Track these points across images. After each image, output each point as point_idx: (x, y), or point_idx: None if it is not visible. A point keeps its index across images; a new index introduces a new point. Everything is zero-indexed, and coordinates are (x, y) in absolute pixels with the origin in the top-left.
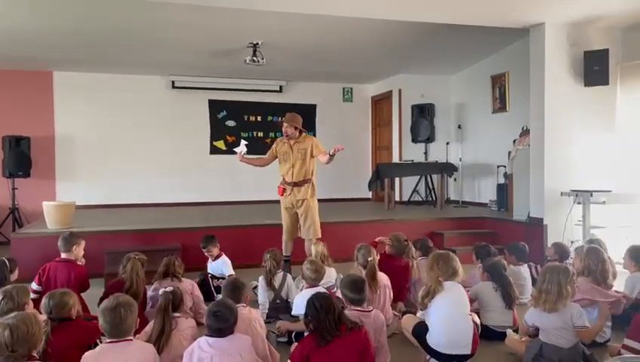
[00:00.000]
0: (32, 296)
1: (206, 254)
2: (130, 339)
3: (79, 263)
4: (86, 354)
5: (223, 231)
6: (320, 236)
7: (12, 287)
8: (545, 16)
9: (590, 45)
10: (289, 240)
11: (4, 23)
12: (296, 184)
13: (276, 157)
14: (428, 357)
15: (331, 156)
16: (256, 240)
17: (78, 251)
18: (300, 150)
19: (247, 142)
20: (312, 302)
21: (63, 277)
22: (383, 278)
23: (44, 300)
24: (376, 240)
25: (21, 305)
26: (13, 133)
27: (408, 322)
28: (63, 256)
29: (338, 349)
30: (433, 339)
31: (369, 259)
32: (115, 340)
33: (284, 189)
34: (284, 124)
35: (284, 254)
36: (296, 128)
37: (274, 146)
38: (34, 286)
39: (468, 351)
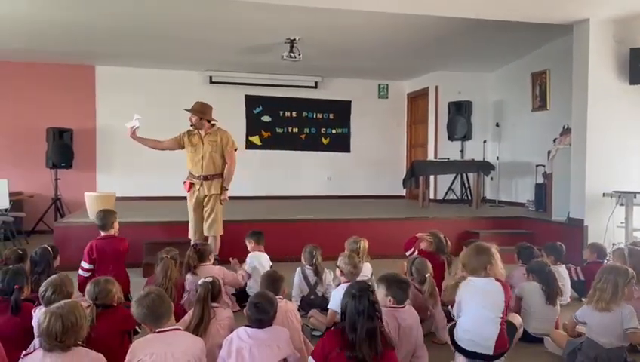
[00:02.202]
0: (84, 274)
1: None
2: (179, 329)
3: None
4: (134, 342)
5: (256, 226)
6: (221, 233)
7: (59, 278)
8: (590, 12)
9: (636, 42)
10: (199, 240)
11: (51, 17)
12: (205, 178)
13: (182, 146)
14: (454, 350)
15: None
16: (289, 235)
17: (116, 225)
18: (210, 142)
19: (139, 117)
20: (354, 307)
21: (114, 252)
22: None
23: (88, 286)
24: (417, 235)
25: (70, 294)
26: (56, 125)
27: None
28: (104, 233)
29: None
30: (459, 334)
31: (427, 275)
32: (163, 329)
33: (192, 184)
34: (191, 114)
35: None
36: (201, 118)
37: (181, 134)
38: (85, 265)
39: (490, 352)
